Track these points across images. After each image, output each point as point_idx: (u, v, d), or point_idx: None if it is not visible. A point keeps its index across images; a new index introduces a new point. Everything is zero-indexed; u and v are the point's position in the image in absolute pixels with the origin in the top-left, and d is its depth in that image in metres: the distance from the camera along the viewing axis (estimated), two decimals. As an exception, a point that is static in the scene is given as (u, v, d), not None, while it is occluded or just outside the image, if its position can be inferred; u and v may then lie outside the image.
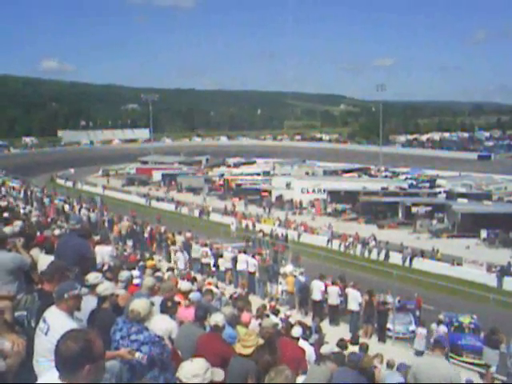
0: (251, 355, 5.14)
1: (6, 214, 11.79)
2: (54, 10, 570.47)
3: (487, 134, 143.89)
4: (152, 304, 5.18)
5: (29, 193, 38.55)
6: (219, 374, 3.80)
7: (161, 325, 5.30)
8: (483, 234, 38.21)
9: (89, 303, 5.04)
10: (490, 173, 69.79)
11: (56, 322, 3.82)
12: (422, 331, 15.39)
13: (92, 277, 5.62)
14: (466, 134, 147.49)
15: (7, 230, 7.09)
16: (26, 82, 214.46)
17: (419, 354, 14.94)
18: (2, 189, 35.20)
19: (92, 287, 5.37)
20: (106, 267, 8.84)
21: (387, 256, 34.14)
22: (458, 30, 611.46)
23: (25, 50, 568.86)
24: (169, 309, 6.03)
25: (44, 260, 6.56)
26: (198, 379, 3.17)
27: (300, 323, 11.49)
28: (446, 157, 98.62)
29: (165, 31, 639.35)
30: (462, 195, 49.97)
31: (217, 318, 5.70)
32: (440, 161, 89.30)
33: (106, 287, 5.36)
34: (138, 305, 4.64)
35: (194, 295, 8.11)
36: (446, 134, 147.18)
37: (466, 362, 15.50)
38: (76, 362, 2.55)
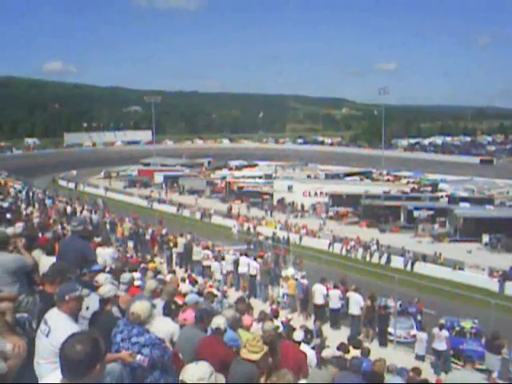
0: (259, 360, 5.12)
1: (8, 215, 11.81)
2: (57, 11, 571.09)
3: (490, 139, 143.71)
4: (153, 306, 5.18)
5: (31, 194, 38.58)
6: (220, 378, 3.79)
7: (163, 327, 5.30)
8: (485, 238, 38.16)
9: (95, 303, 5.06)
10: (493, 177, 69.72)
11: (57, 324, 3.81)
12: (422, 336, 15.35)
13: (102, 278, 5.61)
14: (468, 139, 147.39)
15: (9, 230, 7.08)
16: (29, 83, 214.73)
17: (419, 358, 14.91)
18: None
19: (96, 288, 5.37)
20: (107, 269, 8.82)
21: (389, 260, 34.14)
22: (462, 35, 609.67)
23: (29, 52, 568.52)
24: (172, 311, 6.03)
25: (46, 261, 6.56)
26: (203, 382, 3.15)
27: (303, 327, 11.48)
28: (448, 161, 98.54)
29: (168, 33, 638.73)
30: (464, 199, 49.94)
31: (218, 321, 5.68)
32: (442, 165, 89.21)
33: (108, 289, 5.34)
34: (139, 307, 4.62)
35: (190, 297, 8.09)
36: (449, 138, 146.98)
37: (468, 367, 15.44)
38: (87, 363, 2.58)
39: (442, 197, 53.82)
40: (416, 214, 44.63)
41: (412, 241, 40.28)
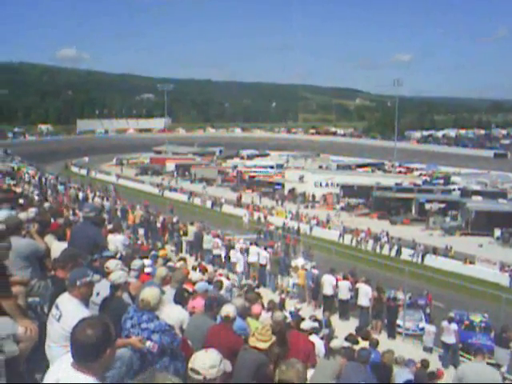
0: (268, 349, 5.14)
1: (21, 201, 11.89)
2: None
3: (504, 132, 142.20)
4: (162, 293, 5.20)
5: (43, 180, 38.89)
6: (228, 366, 3.81)
7: (173, 314, 5.33)
8: (497, 232, 37.90)
9: (106, 288, 5.10)
10: (506, 171, 69.12)
11: (68, 309, 3.85)
12: (430, 328, 15.34)
13: (112, 264, 5.65)
14: (482, 132, 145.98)
15: (22, 216, 7.13)
16: (42, 70, 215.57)
17: (427, 350, 14.91)
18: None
19: (107, 274, 5.40)
20: (118, 255, 8.87)
21: (399, 252, 34.02)
22: (478, 27, 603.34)
23: (42, 38, 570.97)
24: (183, 299, 6.06)
25: (57, 247, 6.60)
26: (215, 370, 3.17)
27: (312, 317, 11.50)
28: (462, 154, 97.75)
29: (182, 21, 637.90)
30: (477, 193, 49.58)
31: (228, 309, 5.71)
32: (455, 158, 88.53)
33: (119, 275, 5.38)
34: (149, 294, 4.65)
35: (200, 285, 8.12)
36: (462, 131, 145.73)
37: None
38: (98, 347, 2.61)
39: (454, 190, 53.46)
40: (427, 206, 44.40)
41: (423, 233, 40.11)
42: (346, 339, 9.50)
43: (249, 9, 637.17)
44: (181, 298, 6.07)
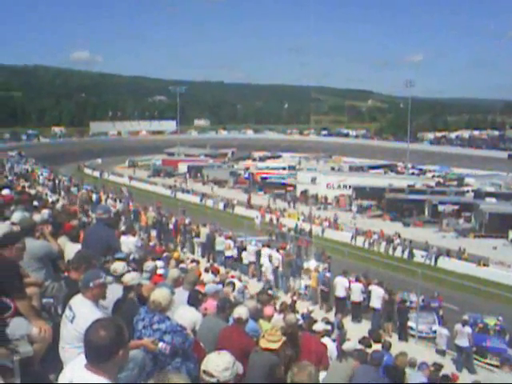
0: (278, 350, 5.13)
1: (35, 203, 11.99)
2: (84, 1, 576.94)
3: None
4: (173, 293, 5.22)
5: (57, 182, 39.19)
6: (240, 368, 3.81)
7: (186, 316, 5.34)
8: (511, 234, 37.54)
9: (115, 292, 5.10)
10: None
11: (81, 311, 3.87)
12: (442, 331, 15.24)
13: (119, 266, 5.67)
14: (496, 133, 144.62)
15: (36, 217, 7.20)
16: (56, 72, 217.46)
17: (440, 353, 14.79)
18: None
19: (118, 276, 5.42)
20: (131, 257, 8.92)
21: (411, 254, 33.79)
22: (492, 26, 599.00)
23: (55, 42, 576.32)
24: (197, 301, 6.07)
25: (71, 248, 6.65)
26: (228, 372, 3.17)
27: (324, 320, 11.48)
28: (476, 155, 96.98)
29: (194, 23, 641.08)
30: (491, 194, 49.16)
31: (240, 311, 5.71)
32: (468, 159, 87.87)
33: (132, 277, 5.40)
34: (159, 295, 4.67)
35: (209, 287, 8.13)
36: (476, 132, 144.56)
37: (491, 365, 15.29)
38: (111, 349, 2.63)
39: (467, 191, 53.06)
40: (441, 208, 44.10)
41: (436, 235, 39.84)
42: (360, 342, 9.47)
43: (261, 10, 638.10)
44: (194, 300, 6.09)
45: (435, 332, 16.70)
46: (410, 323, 16.79)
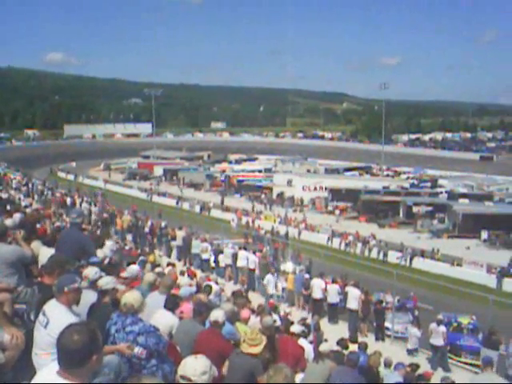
0: (260, 354, 5.13)
1: (8, 207, 11.80)
2: (59, 2, 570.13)
3: (490, 135, 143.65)
4: (145, 295, 5.19)
5: (30, 185, 38.61)
6: (215, 371, 3.81)
7: (163, 320, 5.31)
8: (484, 234, 38.18)
9: (88, 297, 5.04)
10: (492, 174, 69.78)
11: (55, 316, 3.81)
12: (412, 330, 15.39)
13: (91, 272, 5.60)
14: (468, 135, 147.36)
15: (8, 222, 7.08)
16: (29, 74, 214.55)
17: (410, 352, 14.95)
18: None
19: (92, 281, 5.35)
20: (106, 261, 8.83)
21: (385, 255, 34.05)
22: (466, 30, 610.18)
23: (29, 43, 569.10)
24: (174, 305, 6.04)
25: (45, 253, 6.55)
26: (206, 376, 3.15)
27: (300, 322, 11.51)
28: (448, 157, 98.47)
29: (170, 26, 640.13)
30: (464, 196, 49.94)
31: (217, 314, 5.69)
32: (442, 161, 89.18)
33: (107, 281, 5.35)
34: (131, 297, 4.65)
35: (184, 290, 8.08)
36: (449, 134, 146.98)
37: (464, 363, 15.52)
38: (85, 353, 2.58)
39: (441, 193, 53.81)
40: (415, 209, 44.65)
41: (411, 236, 40.29)
42: (338, 343, 9.52)
43: (237, 13, 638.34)
44: (171, 304, 6.04)
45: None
46: (386, 324, 16.95)
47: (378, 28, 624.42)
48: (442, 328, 14.53)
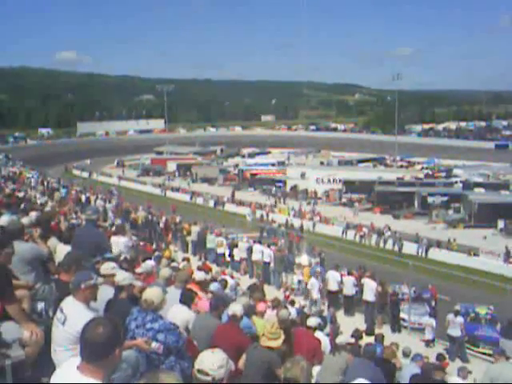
0: (279, 347, 5.14)
1: (23, 205, 11.90)
2: (70, 1, 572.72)
3: (505, 123, 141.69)
4: (165, 292, 5.21)
5: (45, 183, 38.94)
6: (232, 365, 3.83)
7: (179, 315, 5.33)
8: (500, 224, 37.81)
9: (105, 293, 5.07)
10: (508, 162, 69.00)
11: (73, 313, 3.85)
12: (428, 321, 15.31)
13: (107, 267, 5.64)
14: (483, 123, 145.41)
15: (24, 220, 7.15)
16: (42, 73, 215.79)
17: (427, 344, 14.88)
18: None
19: (108, 277, 5.39)
20: (122, 257, 8.89)
21: (400, 247, 33.76)
22: (479, 18, 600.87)
23: (41, 42, 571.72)
24: (189, 299, 6.06)
25: (62, 250, 6.61)
26: (223, 370, 3.16)
27: (316, 314, 11.51)
28: (463, 146, 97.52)
29: (181, 22, 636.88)
30: (479, 185, 49.47)
31: (235, 308, 5.71)
32: (456, 150, 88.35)
33: (124, 277, 5.38)
34: (152, 294, 4.67)
35: (214, 286, 8.16)
36: (463, 124, 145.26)
37: (483, 353, 15.42)
38: (109, 346, 2.63)
39: (456, 182, 53.34)
40: (430, 200, 44.32)
41: (426, 227, 40.03)
42: (352, 335, 9.51)
43: (248, 7, 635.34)
44: (187, 299, 6.08)
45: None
46: (402, 315, 16.89)
47: (391, 19, 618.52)
48: (460, 319, 14.46)
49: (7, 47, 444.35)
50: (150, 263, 8.60)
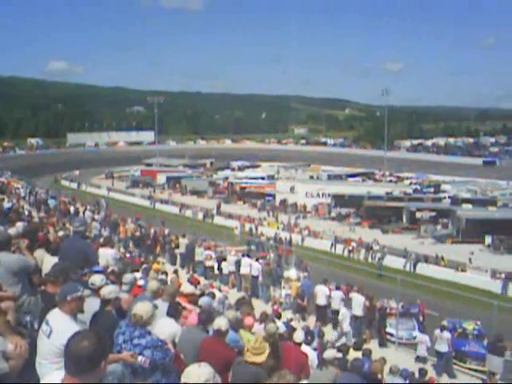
0: (264, 362, 5.10)
1: (11, 215, 11.79)
2: (61, 11, 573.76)
3: (492, 140, 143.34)
4: (155, 307, 5.17)
5: (33, 194, 38.63)
6: (218, 379, 3.81)
7: (166, 328, 5.29)
8: (488, 240, 38.04)
9: (92, 305, 5.04)
10: (495, 178, 69.67)
11: (59, 325, 3.81)
12: (422, 338, 15.29)
13: (97, 279, 5.60)
14: (471, 140, 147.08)
15: (11, 231, 7.09)
16: (32, 83, 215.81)
17: (421, 360, 14.85)
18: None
19: (96, 289, 5.35)
20: (109, 270, 8.83)
21: (380, 262, 33.34)
22: (467, 36, 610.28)
23: (32, 52, 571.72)
24: (176, 313, 6.03)
25: (49, 261, 6.56)
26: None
27: (304, 328, 11.47)
28: (451, 162, 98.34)
29: (172, 33, 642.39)
30: (467, 201, 49.82)
31: (220, 322, 5.68)
32: (445, 166, 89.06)
33: (110, 290, 5.34)
34: (141, 308, 4.63)
35: (203, 300, 8.11)
36: (451, 140, 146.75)
37: (470, 369, 15.43)
38: (94, 359, 2.60)
39: (444, 198, 53.71)
40: (418, 215, 44.56)
41: (414, 242, 40.18)
42: (339, 349, 9.48)
43: (238, 20, 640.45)
44: (174, 312, 6.04)
45: (415, 338, 16.79)
46: (389, 330, 16.86)
47: (380, 34, 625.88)
48: (447, 334, 14.45)
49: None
50: (131, 276, 8.52)
